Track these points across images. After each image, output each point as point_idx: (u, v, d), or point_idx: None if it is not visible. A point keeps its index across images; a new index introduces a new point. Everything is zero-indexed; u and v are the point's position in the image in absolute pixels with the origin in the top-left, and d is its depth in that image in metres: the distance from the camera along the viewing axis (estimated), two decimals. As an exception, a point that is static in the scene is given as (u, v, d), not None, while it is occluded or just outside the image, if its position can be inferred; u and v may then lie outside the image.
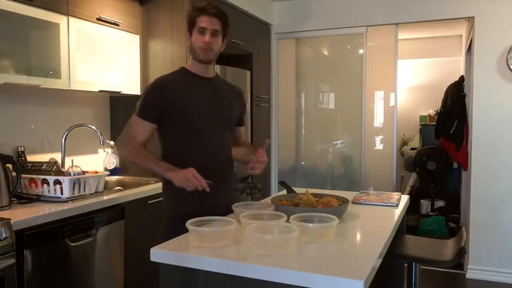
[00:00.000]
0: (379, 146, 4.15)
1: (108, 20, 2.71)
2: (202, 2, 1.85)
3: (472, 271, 3.62)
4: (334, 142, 4.35)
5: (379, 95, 4.12)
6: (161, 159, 1.82)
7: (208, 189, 1.67)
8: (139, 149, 1.80)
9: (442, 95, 4.89)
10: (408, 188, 5.45)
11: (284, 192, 2.20)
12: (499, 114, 3.51)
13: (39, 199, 2.19)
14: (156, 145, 1.92)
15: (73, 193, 2.21)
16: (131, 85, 2.98)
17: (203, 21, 1.80)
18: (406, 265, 2.20)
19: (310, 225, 1.48)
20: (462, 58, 5.42)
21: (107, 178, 2.83)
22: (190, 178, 1.65)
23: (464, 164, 4.42)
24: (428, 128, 5.47)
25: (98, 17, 2.63)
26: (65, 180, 2.18)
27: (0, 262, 1.69)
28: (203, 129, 1.85)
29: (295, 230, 1.38)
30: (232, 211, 1.79)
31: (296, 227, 1.42)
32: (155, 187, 2.66)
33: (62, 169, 2.36)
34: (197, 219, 1.51)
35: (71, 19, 2.44)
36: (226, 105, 1.94)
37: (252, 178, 3.83)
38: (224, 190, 1.91)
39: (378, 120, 4.15)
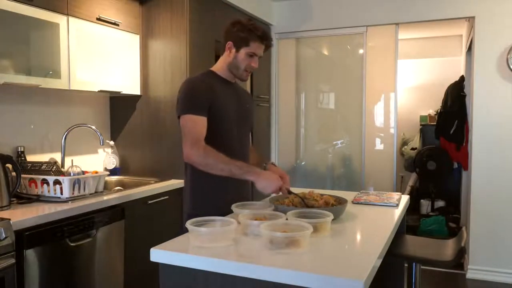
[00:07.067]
0: (379, 146, 4.14)
1: (108, 20, 2.71)
2: (258, 30, 1.85)
3: (472, 271, 3.61)
4: (334, 142, 4.34)
5: (379, 95, 4.11)
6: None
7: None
8: (211, 150, 1.71)
9: (442, 95, 4.89)
10: (408, 188, 5.44)
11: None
12: (499, 114, 3.51)
13: (39, 199, 2.19)
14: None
15: (73, 193, 2.21)
16: (131, 85, 2.98)
17: (257, 48, 1.86)
18: (406, 265, 2.20)
19: (300, 220, 1.51)
20: (462, 58, 5.42)
21: (107, 178, 2.84)
22: (279, 184, 1.70)
23: (464, 164, 4.42)
24: (428, 128, 5.47)
25: (98, 17, 2.63)
26: (65, 180, 2.17)
27: (0, 262, 1.69)
28: (233, 131, 1.90)
29: (308, 228, 1.39)
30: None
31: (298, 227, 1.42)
32: (155, 187, 2.67)
33: (62, 169, 2.35)
34: (197, 219, 1.51)
35: (71, 19, 2.44)
36: (248, 108, 2.03)
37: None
38: (244, 192, 1.97)
39: (378, 120, 4.14)
